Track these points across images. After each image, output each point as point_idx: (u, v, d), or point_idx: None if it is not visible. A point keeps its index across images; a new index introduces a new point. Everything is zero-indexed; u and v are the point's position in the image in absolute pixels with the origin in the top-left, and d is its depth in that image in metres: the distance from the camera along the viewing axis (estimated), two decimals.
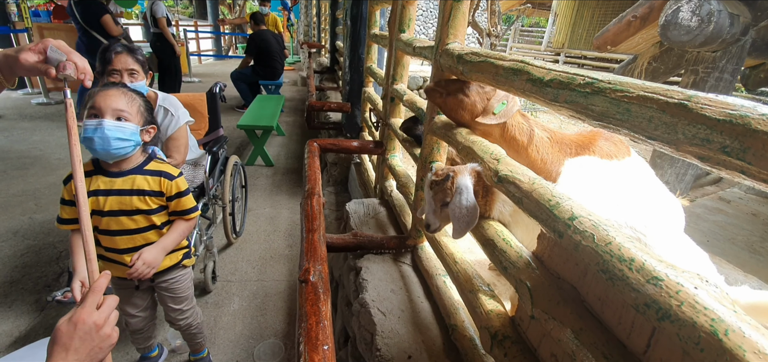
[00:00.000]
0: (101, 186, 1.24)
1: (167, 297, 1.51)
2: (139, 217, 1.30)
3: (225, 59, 11.75)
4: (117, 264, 1.33)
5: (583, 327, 0.66)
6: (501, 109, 1.13)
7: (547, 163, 1.16)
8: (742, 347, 0.42)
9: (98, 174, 1.25)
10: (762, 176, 0.38)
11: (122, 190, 1.26)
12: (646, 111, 0.50)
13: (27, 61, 0.75)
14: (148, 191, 1.29)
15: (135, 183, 1.27)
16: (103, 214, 1.25)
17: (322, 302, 0.88)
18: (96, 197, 1.24)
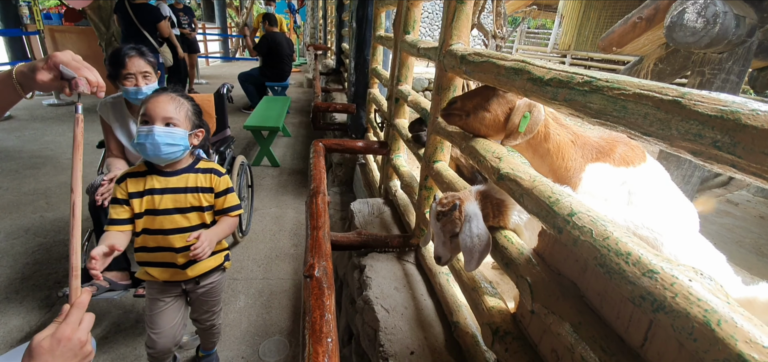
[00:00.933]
0: (156, 185, 1.29)
1: (204, 301, 1.52)
2: (193, 215, 1.34)
3: (232, 61, 11.86)
4: (166, 266, 1.36)
5: (582, 321, 0.67)
6: (526, 123, 1.06)
7: (569, 170, 1.12)
8: (734, 336, 0.43)
9: (152, 174, 1.30)
10: (752, 169, 0.40)
11: (177, 188, 1.31)
12: (642, 108, 0.52)
13: (43, 80, 0.78)
14: (201, 188, 1.34)
15: (188, 181, 1.33)
16: (157, 213, 1.29)
17: (326, 296, 0.90)
18: (151, 195, 1.28)
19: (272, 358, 1.84)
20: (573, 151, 1.12)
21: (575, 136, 1.14)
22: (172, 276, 1.39)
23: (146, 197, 1.28)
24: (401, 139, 2.00)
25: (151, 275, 1.37)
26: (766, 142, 0.38)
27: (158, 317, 1.43)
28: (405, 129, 1.90)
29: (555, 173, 1.15)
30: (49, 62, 0.79)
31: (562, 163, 1.12)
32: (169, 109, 1.23)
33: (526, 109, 1.05)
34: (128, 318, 1.99)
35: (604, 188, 1.10)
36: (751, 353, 0.41)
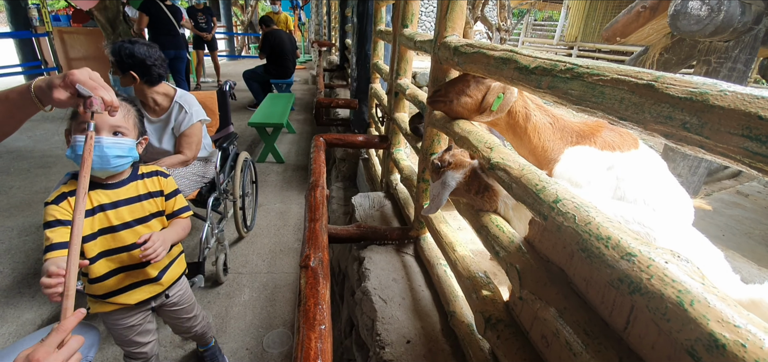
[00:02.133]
0: (104, 200, 1.17)
1: (179, 310, 1.46)
2: (154, 222, 1.28)
3: (238, 59, 11.95)
4: (137, 286, 1.28)
5: (567, 306, 0.68)
6: (499, 103, 1.16)
7: (547, 150, 1.18)
8: (706, 316, 0.44)
9: (95, 188, 1.16)
10: (719, 149, 0.40)
11: (130, 198, 1.22)
12: (618, 93, 0.52)
13: (59, 98, 0.82)
14: (154, 192, 1.28)
15: (139, 189, 1.24)
16: (116, 229, 1.18)
17: (321, 286, 0.92)
18: (103, 212, 1.16)
19: (276, 349, 1.87)
20: (551, 133, 1.18)
21: (554, 118, 1.19)
22: (149, 293, 1.30)
23: (98, 215, 1.15)
24: (401, 133, 2.01)
25: (120, 303, 1.25)
26: (732, 121, 0.38)
27: (138, 337, 1.36)
28: (405, 123, 1.91)
29: (533, 154, 1.21)
30: (65, 80, 0.81)
31: (538, 143, 1.18)
32: (117, 117, 1.12)
33: (501, 90, 1.15)
34: None
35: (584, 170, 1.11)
36: (722, 332, 0.42)
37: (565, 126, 1.18)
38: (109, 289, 1.22)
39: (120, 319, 1.30)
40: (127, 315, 1.31)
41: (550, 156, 1.18)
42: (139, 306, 1.31)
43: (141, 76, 1.80)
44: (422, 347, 1.10)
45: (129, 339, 1.34)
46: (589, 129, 1.16)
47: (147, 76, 1.81)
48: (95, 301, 1.24)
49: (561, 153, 1.17)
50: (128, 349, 1.37)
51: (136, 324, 1.34)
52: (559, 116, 1.20)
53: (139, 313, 1.34)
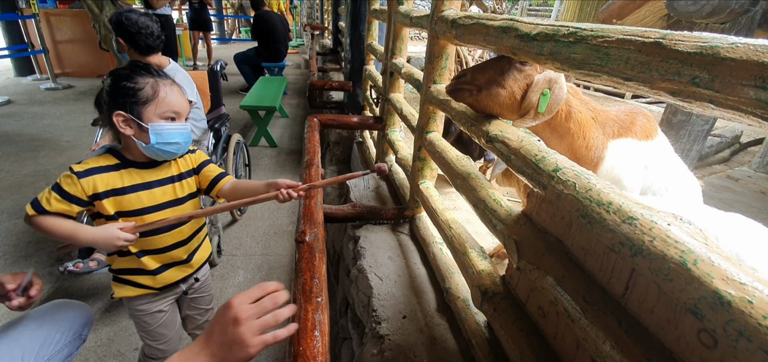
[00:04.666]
0: (138, 180, 1.08)
1: (201, 299, 1.38)
2: (188, 204, 1.18)
3: (229, 42, 11.72)
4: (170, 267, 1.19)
5: (565, 274, 0.67)
6: (546, 102, 0.95)
7: (591, 149, 1.04)
8: (710, 274, 0.43)
9: (129, 167, 1.08)
10: (729, 103, 0.39)
11: (164, 179, 1.13)
12: (624, 53, 0.51)
13: None
14: (186, 172, 1.18)
15: (172, 169, 1.15)
16: (148, 211, 1.10)
17: (317, 260, 0.91)
18: (136, 193, 1.07)
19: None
20: (594, 129, 1.03)
21: (595, 112, 1.05)
22: (179, 275, 1.23)
23: (132, 194, 1.07)
24: (396, 114, 1.98)
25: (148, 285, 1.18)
26: (744, 73, 0.37)
27: (163, 328, 1.27)
28: (400, 103, 1.88)
29: (574, 152, 1.05)
30: None
31: (583, 143, 1.03)
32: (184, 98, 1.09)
33: (546, 86, 0.94)
34: None
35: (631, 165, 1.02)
36: (727, 289, 0.41)
37: (607, 119, 1.05)
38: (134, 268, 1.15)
39: (145, 304, 1.22)
40: (154, 299, 1.23)
41: (593, 155, 1.04)
42: (168, 289, 1.23)
43: (128, 44, 1.81)
44: (418, 322, 1.10)
45: (153, 329, 1.25)
46: (629, 118, 1.05)
47: (133, 45, 1.81)
48: (119, 285, 1.16)
49: (604, 149, 1.04)
50: (151, 343, 1.28)
51: (163, 310, 1.26)
52: (598, 108, 1.06)
53: (168, 298, 1.27)
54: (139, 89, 1.00)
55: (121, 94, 0.99)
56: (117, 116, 0.99)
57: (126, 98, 0.99)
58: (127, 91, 0.99)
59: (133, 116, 1.00)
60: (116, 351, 1.74)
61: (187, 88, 1.93)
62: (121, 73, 1.01)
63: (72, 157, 3.55)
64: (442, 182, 2.06)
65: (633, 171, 1.02)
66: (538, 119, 0.97)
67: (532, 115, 0.96)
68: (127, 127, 1.01)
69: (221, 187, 1.21)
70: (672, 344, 0.51)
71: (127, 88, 0.99)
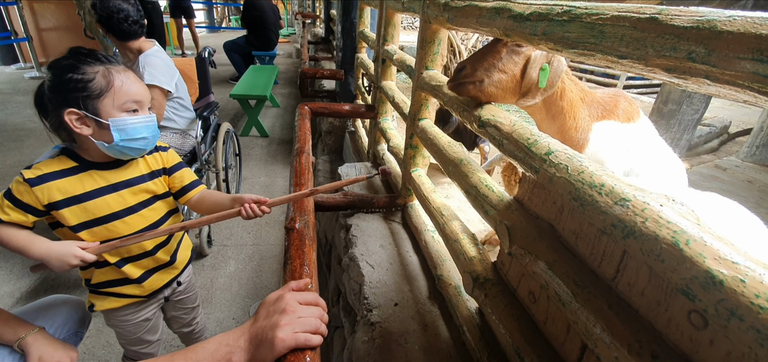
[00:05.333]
0: (102, 183, 0.96)
1: (185, 299, 1.31)
2: (160, 204, 1.08)
3: (218, 31, 11.51)
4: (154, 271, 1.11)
5: (557, 259, 0.67)
6: (546, 77, 0.94)
7: (579, 129, 1.06)
8: (702, 254, 0.43)
9: (89, 169, 0.95)
10: (726, 77, 0.38)
11: (134, 178, 1.01)
12: (619, 30, 0.50)
13: None
14: (157, 171, 1.07)
15: (141, 167, 1.04)
16: (119, 215, 0.98)
17: (306, 247, 0.89)
18: (102, 197, 0.96)
19: None
20: (582, 109, 1.05)
21: (584, 93, 1.07)
22: (164, 279, 1.15)
23: (96, 200, 0.95)
24: (388, 102, 1.96)
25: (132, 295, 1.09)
26: (741, 45, 0.36)
27: (148, 334, 1.20)
28: (392, 90, 1.86)
29: (564, 133, 1.07)
30: None
31: (572, 123, 1.05)
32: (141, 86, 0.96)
33: (545, 60, 0.94)
34: None
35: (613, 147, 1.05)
36: (719, 268, 0.41)
37: (593, 99, 1.07)
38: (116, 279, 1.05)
39: (130, 314, 1.13)
40: (140, 308, 1.14)
41: (580, 136, 1.06)
42: (153, 296, 1.15)
43: (106, 29, 1.77)
44: (410, 309, 1.10)
45: (137, 336, 1.18)
46: (612, 100, 1.08)
47: (110, 29, 1.77)
48: (100, 297, 1.06)
49: (589, 130, 1.06)
50: (135, 349, 1.21)
51: (149, 318, 1.18)
52: (585, 89, 1.08)
53: (152, 305, 1.18)
54: (90, 80, 0.86)
55: (69, 88, 0.85)
56: (69, 115, 0.85)
57: (76, 93, 0.85)
58: (76, 85, 0.85)
59: (88, 113, 0.86)
60: (105, 341, 1.71)
61: (167, 73, 1.88)
62: (63, 63, 0.86)
63: None
64: (436, 173, 2.05)
65: (615, 152, 1.03)
66: (539, 96, 0.96)
67: (534, 92, 0.95)
68: (83, 127, 0.87)
69: (191, 197, 1.13)
70: (662, 326, 0.51)
71: (75, 81, 0.85)
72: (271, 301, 0.65)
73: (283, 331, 0.59)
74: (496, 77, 0.94)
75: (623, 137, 1.05)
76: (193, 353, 0.57)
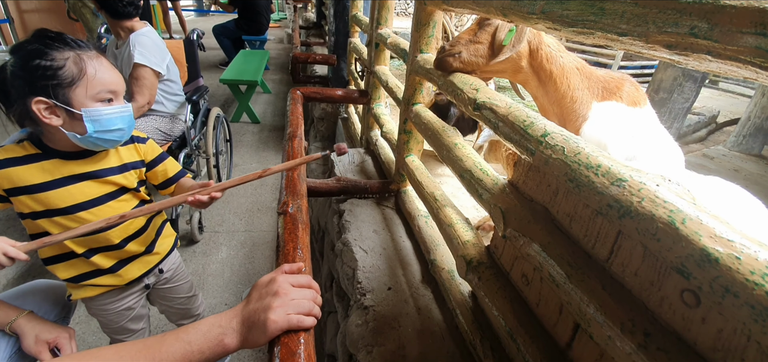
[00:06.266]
0: (65, 173, 0.91)
1: (175, 288, 1.27)
2: (129, 196, 1.02)
3: (207, 14, 11.24)
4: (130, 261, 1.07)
5: (551, 241, 0.67)
6: (511, 37, 1.02)
7: (576, 101, 1.06)
8: (698, 233, 0.43)
9: (52, 157, 0.89)
10: (728, 52, 0.38)
11: (101, 170, 0.96)
12: (619, 6, 0.49)
13: None
14: (131, 163, 1.02)
15: (111, 159, 0.98)
16: (83, 207, 0.93)
17: (300, 231, 0.88)
18: (65, 187, 0.91)
19: None
20: (579, 80, 1.06)
21: (581, 64, 1.08)
22: (143, 268, 1.10)
23: (58, 189, 0.90)
24: (382, 87, 1.94)
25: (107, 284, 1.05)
26: (745, 20, 0.36)
27: (132, 323, 1.17)
28: (386, 75, 1.84)
29: (560, 105, 1.08)
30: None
31: (567, 91, 1.06)
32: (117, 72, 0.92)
33: (511, 26, 1.02)
34: None
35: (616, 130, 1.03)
36: (715, 246, 0.41)
37: (592, 75, 1.06)
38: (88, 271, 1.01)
39: (110, 302, 1.10)
40: (119, 296, 1.11)
41: (578, 109, 1.06)
42: (133, 284, 1.11)
43: (100, 5, 1.75)
44: (403, 293, 1.10)
45: (120, 325, 1.15)
46: (614, 82, 1.06)
47: (105, 6, 1.75)
48: (76, 286, 1.03)
49: (588, 108, 1.05)
50: (119, 338, 1.18)
51: (132, 306, 1.15)
52: (583, 62, 1.08)
53: (134, 293, 1.15)
54: (59, 67, 0.80)
55: (37, 75, 0.79)
56: (37, 104, 0.79)
57: (45, 80, 0.79)
58: (44, 72, 0.79)
59: (58, 102, 0.81)
60: (95, 327, 1.70)
61: (159, 55, 1.83)
62: (29, 48, 0.80)
63: None
64: (431, 161, 2.05)
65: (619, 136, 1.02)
66: (509, 51, 1.04)
67: (504, 50, 1.04)
68: (52, 117, 0.82)
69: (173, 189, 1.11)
70: (654, 305, 0.51)
71: (44, 68, 0.79)
72: (264, 284, 0.65)
73: (276, 313, 0.58)
74: (472, 48, 1.07)
75: (627, 121, 1.03)
76: (185, 334, 0.56)
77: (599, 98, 1.05)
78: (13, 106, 0.83)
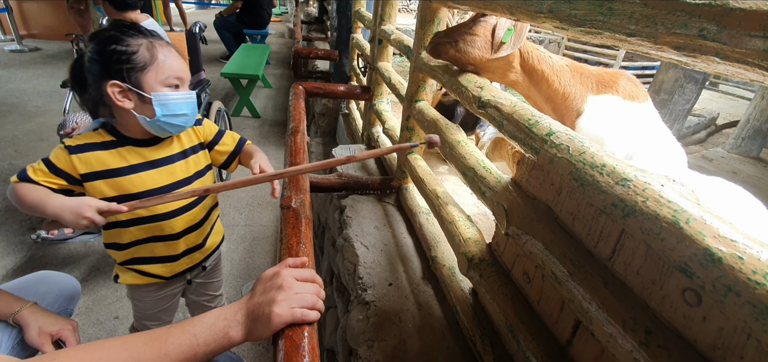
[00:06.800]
0: (139, 159, 0.95)
1: (209, 285, 1.30)
2: (205, 179, 1.07)
3: (208, 7, 11.19)
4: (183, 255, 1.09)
5: (553, 239, 0.68)
6: (510, 35, 1.03)
7: (568, 97, 1.08)
8: (702, 232, 0.43)
9: (126, 144, 0.94)
10: (736, 55, 0.38)
11: (169, 157, 0.99)
12: (628, 7, 0.49)
13: None
14: (194, 146, 1.05)
15: (174, 144, 1.01)
16: (156, 193, 0.96)
17: (302, 226, 0.89)
18: (138, 173, 0.95)
19: None
20: (570, 76, 1.08)
21: (571, 63, 1.10)
22: (191, 262, 1.13)
23: (131, 175, 0.94)
24: (384, 84, 1.94)
25: (157, 274, 1.08)
26: (753, 23, 0.36)
27: (163, 314, 1.20)
28: (388, 72, 1.83)
29: (553, 101, 1.10)
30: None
31: (559, 87, 1.08)
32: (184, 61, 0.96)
33: (510, 24, 1.03)
34: (108, 262, 1.97)
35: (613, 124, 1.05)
36: (718, 247, 0.42)
37: (584, 71, 1.08)
38: (144, 256, 1.04)
39: (153, 292, 1.14)
40: (162, 289, 1.15)
41: (571, 104, 1.08)
42: (177, 278, 1.14)
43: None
44: (404, 289, 1.10)
45: (154, 312, 1.18)
46: (609, 76, 1.08)
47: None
48: (126, 271, 1.07)
49: (584, 102, 1.07)
50: (147, 324, 1.21)
51: (170, 295, 1.19)
52: (574, 62, 1.11)
53: (176, 286, 1.19)
54: (134, 52, 0.85)
55: (113, 60, 0.83)
56: (112, 87, 0.84)
57: (120, 65, 0.84)
58: (120, 56, 0.84)
59: (131, 86, 0.85)
60: (95, 319, 1.70)
61: None
62: (108, 34, 0.85)
63: (41, 124, 3.36)
64: (432, 158, 2.05)
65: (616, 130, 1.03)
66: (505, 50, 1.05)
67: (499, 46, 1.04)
68: (125, 100, 0.86)
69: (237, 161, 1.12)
70: (656, 304, 0.52)
71: (120, 52, 0.83)
72: (268, 277, 0.65)
73: (280, 307, 0.59)
74: (469, 38, 1.05)
75: (625, 115, 1.04)
76: (191, 326, 0.57)
77: (594, 92, 1.07)
78: (87, 93, 0.89)
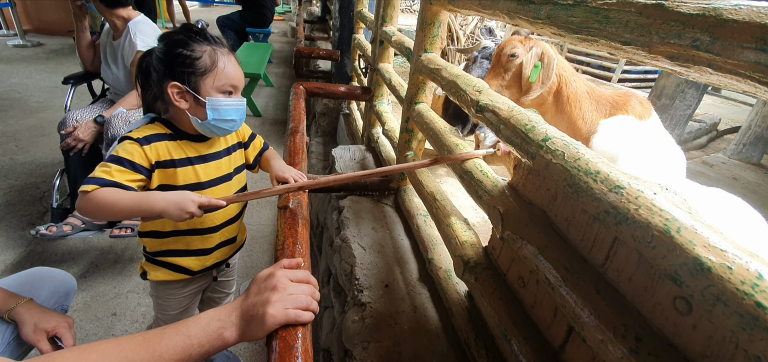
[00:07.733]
0: (192, 153, 0.98)
1: (225, 284, 1.32)
2: (238, 178, 1.10)
3: (210, 5, 11.21)
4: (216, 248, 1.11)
5: (548, 244, 0.68)
6: (537, 72, 1.07)
7: (586, 122, 1.17)
8: (692, 242, 0.44)
9: (183, 138, 0.97)
10: (728, 66, 0.38)
11: (216, 153, 1.03)
12: (624, 15, 0.49)
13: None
14: (236, 144, 1.10)
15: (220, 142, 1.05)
16: (203, 186, 1.00)
17: (299, 226, 0.89)
18: (193, 166, 0.98)
19: None
20: (588, 103, 1.15)
21: (590, 88, 1.16)
22: (223, 255, 1.15)
23: (185, 168, 0.97)
24: (385, 85, 1.94)
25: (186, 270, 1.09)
26: (745, 34, 0.36)
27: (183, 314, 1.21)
28: (389, 73, 1.84)
29: (573, 125, 1.18)
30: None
31: (579, 114, 1.15)
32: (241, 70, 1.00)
33: (536, 60, 1.07)
34: (106, 258, 1.98)
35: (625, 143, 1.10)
36: (708, 256, 0.42)
37: (601, 97, 1.15)
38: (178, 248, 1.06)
39: (180, 288, 1.15)
40: (188, 285, 1.16)
41: (588, 126, 1.16)
42: (203, 273, 1.14)
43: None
44: (400, 291, 1.11)
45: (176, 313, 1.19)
46: (622, 99, 1.15)
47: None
48: (155, 267, 1.08)
49: (596, 124, 1.15)
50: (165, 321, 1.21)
51: (195, 292, 1.20)
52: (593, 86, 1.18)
53: (202, 281, 1.20)
54: (197, 58, 0.88)
55: (177, 62, 0.87)
56: (172, 87, 0.88)
57: (183, 68, 0.88)
58: (185, 60, 0.88)
59: (190, 89, 0.89)
60: (93, 316, 1.70)
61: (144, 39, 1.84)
62: (175, 38, 0.89)
63: (43, 119, 3.37)
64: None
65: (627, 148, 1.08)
66: (536, 90, 1.08)
67: (528, 87, 1.08)
68: (181, 100, 0.90)
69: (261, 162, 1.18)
70: (647, 311, 0.52)
71: (185, 56, 0.88)
72: (262, 278, 0.66)
73: (274, 307, 0.59)
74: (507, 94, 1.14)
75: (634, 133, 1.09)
76: (185, 327, 0.57)
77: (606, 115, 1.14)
78: (149, 87, 0.94)
